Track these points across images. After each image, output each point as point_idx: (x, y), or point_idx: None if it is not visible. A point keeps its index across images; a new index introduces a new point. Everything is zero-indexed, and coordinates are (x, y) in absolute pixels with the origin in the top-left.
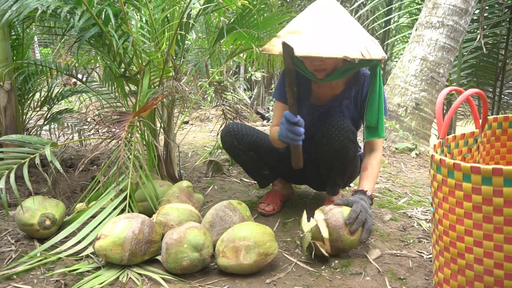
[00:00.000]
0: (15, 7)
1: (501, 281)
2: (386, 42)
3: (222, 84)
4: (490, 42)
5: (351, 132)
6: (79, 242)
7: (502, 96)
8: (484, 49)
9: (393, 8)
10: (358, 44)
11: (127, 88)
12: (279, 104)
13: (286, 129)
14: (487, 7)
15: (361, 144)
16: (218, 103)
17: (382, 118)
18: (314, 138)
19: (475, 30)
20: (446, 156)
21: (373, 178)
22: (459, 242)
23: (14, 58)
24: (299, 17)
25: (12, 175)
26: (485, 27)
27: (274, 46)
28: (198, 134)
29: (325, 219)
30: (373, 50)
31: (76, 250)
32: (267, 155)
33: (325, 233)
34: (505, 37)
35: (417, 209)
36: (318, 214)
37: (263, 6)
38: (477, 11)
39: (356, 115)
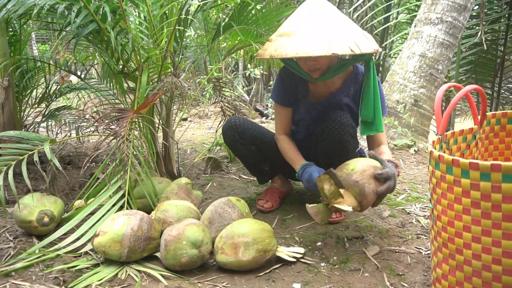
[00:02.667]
0: (10, 4)
1: (499, 277)
2: (385, 40)
3: (220, 81)
4: (489, 38)
5: (351, 127)
6: (77, 239)
7: (501, 92)
8: (485, 46)
9: (392, 5)
10: (347, 40)
11: (125, 84)
12: (278, 107)
13: (314, 188)
14: (486, 3)
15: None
16: (217, 100)
17: (379, 112)
18: (314, 133)
19: (474, 27)
20: (444, 152)
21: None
22: (457, 238)
23: (12, 54)
24: (289, 18)
25: (10, 172)
26: (484, 23)
27: (266, 51)
28: (197, 131)
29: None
30: (363, 44)
31: (75, 247)
32: (268, 150)
33: (353, 203)
34: (504, 33)
35: (415, 205)
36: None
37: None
38: (476, 7)
39: (356, 111)
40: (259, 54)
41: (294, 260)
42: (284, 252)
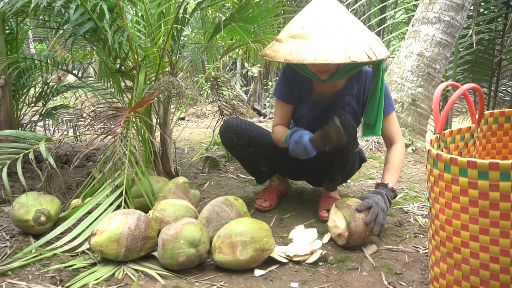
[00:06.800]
0: None
1: (496, 275)
2: (382, 40)
3: (218, 80)
4: (486, 38)
5: (351, 128)
6: (74, 238)
7: (498, 92)
8: (475, 44)
9: (389, 4)
10: (364, 46)
11: (123, 83)
12: (280, 103)
13: (301, 151)
14: (482, 3)
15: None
16: (214, 99)
17: (380, 116)
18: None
19: (471, 26)
20: (442, 151)
21: (394, 170)
22: (455, 236)
23: (8, 53)
24: (299, 18)
25: (4, 170)
26: (481, 23)
27: (278, 53)
28: (195, 130)
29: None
30: (378, 50)
31: (72, 246)
32: (266, 150)
33: (342, 224)
34: (501, 33)
35: (413, 204)
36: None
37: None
38: (473, 7)
39: (358, 111)
40: (268, 55)
41: (286, 261)
42: (277, 253)
